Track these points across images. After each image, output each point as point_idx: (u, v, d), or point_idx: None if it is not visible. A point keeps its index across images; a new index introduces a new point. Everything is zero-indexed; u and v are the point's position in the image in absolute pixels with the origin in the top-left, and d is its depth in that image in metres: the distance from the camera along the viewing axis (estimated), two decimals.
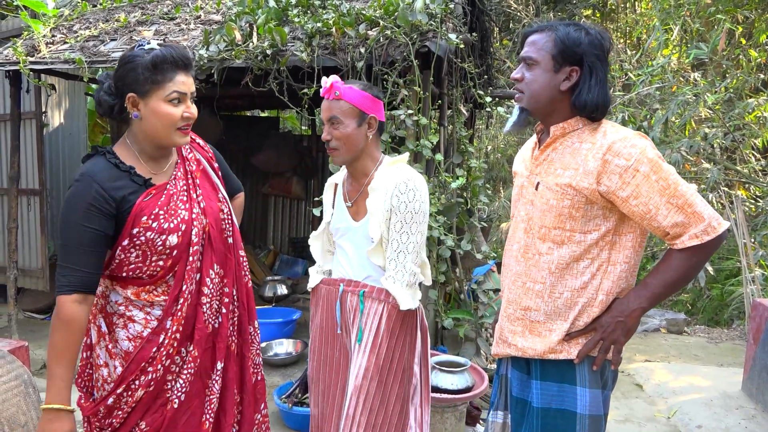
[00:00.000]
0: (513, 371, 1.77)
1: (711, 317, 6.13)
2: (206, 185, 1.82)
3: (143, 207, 1.63)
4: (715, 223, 1.52)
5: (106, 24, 4.53)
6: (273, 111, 8.56)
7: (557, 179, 1.62)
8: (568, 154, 1.62)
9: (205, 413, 1.74)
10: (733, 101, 5.58)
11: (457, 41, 3.47)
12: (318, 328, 2.12)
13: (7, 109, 5.04)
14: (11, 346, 3.06)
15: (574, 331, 1.64)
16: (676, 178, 1.54)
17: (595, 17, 8.62)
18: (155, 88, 1.60)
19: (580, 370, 1.65)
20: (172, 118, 1.63)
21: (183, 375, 1.71)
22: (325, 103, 1.96)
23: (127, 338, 1.70)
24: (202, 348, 1.73)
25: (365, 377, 1.89)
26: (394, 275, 1.91)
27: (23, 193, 5.04)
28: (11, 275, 4.50)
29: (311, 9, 3.91)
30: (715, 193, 5.18)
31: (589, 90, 1.58)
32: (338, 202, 2.11)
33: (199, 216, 1.73)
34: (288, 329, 4.41)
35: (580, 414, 1.63)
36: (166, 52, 1.61)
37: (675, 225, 1.53)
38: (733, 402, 3.71)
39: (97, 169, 1.64)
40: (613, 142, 1.55)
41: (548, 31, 1.62)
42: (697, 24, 6.58)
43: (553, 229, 1.63)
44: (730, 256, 6.29)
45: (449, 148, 4.25)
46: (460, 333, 3.73)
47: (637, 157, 1.52)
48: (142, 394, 1.66)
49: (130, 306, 1.71)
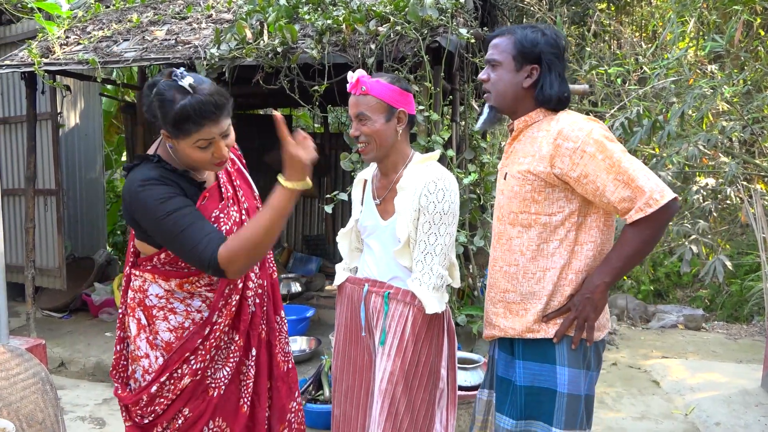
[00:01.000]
0: (499, 352, 1.88)
1: (730, 313, 6.04)
2: (244, 185, 1.88)
3: (202, 210, 1.67)
4: (657, 195, 1.59)
5: (119, 24, 4.57)
6: (285, 109, 8.59)
7: (519, 167, 1.75)
8: (528, 143, 1.76)
9: (242, 397, 1.81)
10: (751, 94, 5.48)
11: (468, 36, 3.45)
12: (343, 327, 2.08)
13: (23, 111, 5.10)
14: (29, 344, 3.11)
15: (550, 312, 1.74)
16: (620, 155, 1.63)
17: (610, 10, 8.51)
18: (183, 136, 1.59)
19: (559, 349, 1.74)
20: (201, 161, 1.65)
21: (229, 363, 1.78)
22: (352, 99, 1.91)
23: (168, 329, 1.75)
24: (246, 337, 1.81)
25: (390, 381, 1.84)
26: (420, 277, 1.85)
27: (40, 194, 5.10)
28: (29, 274, 4.56)
29: (321, 6, 3.90)
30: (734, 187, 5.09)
31: (551, 85, 1.73)
32: (367, 199, 2.06)
33: (245, 216, 1.79)
34: (302, 326, 4.42)
35: (559, 392, 1.72)
36: (190, 108, 1.54)
37: (623, 200, 1.62)
38: (753, 399, 3.65)
39: (153, 175, 1.63)
40: (563, 127, 1.68)
41: (508, 34, 1.77)
42: (714, 16, 6.47)
43: (520, 213, 1.75)
44: (749, 251, 6.19)
45: (461, 144, 4.23)
46: (473, 329, 3.71)
47: (584, 139, 1.63)
48: (188, 382, 1.72)
49: (171, 299, 1.76)
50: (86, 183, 6.37)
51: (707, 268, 4.33)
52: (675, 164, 4.98)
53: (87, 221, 6.40)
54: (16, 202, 5.62)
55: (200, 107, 1.55)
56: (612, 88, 6.66)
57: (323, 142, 7.28)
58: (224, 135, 1.65)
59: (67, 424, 3.27)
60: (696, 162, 4.87)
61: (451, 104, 4.14)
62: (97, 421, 3.49)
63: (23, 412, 2.42)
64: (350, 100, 1.93)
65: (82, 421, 3.49)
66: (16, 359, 2.51)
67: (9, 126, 5.58)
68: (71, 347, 4.44)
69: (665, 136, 4.72)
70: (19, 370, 2.50)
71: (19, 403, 2.42)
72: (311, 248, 7.09)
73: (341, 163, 3.64)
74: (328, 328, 4.55)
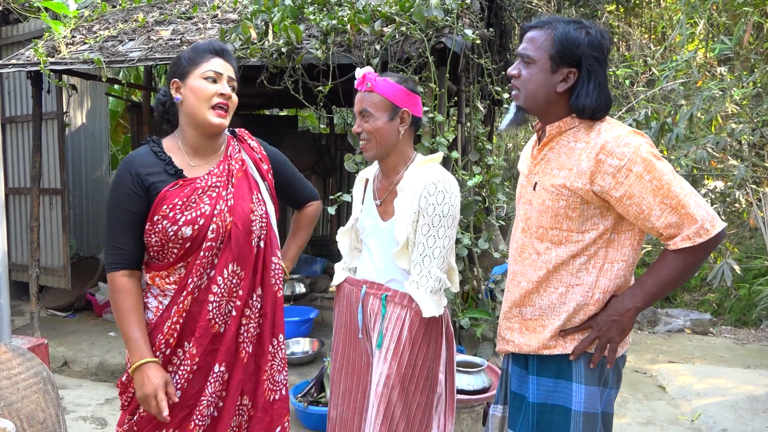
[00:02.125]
0: (513, 366, 1.78)
1: (738, 317, 5.98)
2: (243, 185, 1.82)
3: (166, 196, 1.69)
4: (708, 225, 1.48)
5: (125, 24, 4.57)
6: (291, 110, 8.59)
7: (553, 180, 1.61)
8: (564, 153, 1.61)
9: (193, 415, 1.71)
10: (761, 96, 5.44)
11: (474, 37, 3.42)
12: (341, 329, 2.06)
13: (29, 110, 5.11)
14: (31, 344, 3.11)
15: (569, 328, 1.64)
16: (670, 177, 1.50)
17: (619, 12, 8.47)
18: (193, 68, 1.73)
19: (576, 366, 1.64)
20: (205, 93, 1.71)
21: (180, 371, 1.71)
22: (358, 95, 1.91)
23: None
24: (203, 347, 1.71)
25: (386, 385, 1.82)
26: (418, 280, 1.83)
27: (45, 193, 5.11)
28: (33, 273, 4.57)
29: (327, 6, 3.89)
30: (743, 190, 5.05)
31: (587, 94, 1.55)
32: (368, 199, 2.04)
33: (222, 213, 1.73)
34: (305, 328, 4.41)
35: (574, 410, 1.62)
36: (204, 41, 1.80)
37: (668, 226, 1.51)
38: (761, 405, 3.60)
39: (136, 155, 1.75)
40: (606, 141, 1.52)
41: (547, 28, 1.58)
42: (723, 17, 6.41)
43: (551, 229, 1.63)
44: (758, 255, 6.13)
45: (467, 145, 4.20)
46: (477, 333, 3.68)
47: (630, 157, 1.49)
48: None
49: (147, 293, 1.77)
50: (92, 182, 6.39)
51: (715, 271, 4.28)
52: (683, 167, 4.94)
53: (92, 221, 6.42)
54: (21, 201, 5.63)
55: (210, 41, 1.79)
56: (620, 89, 6.62)
57: (329, 142, 7.27)
58: (232, 82, 1.78)
59: (68, 424, 3.27)
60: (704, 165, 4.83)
61: (457, 105, 4.11)
62: (98, 421, 3.48)
63: (24, 412, 2.41)
64: (356, 96, 1.92)
65: (83, 421, 3.49)
66: (17, 359, 2.50)
67: (15, 125, 5.60)
68: (75, 347, 4.44)
69: (674, 139, 4.68)
70: (20, 369, 2.50)
71: (20, 403, 2.41)
72: (315, 249, 7.08)
73: (345, 164, 3.62)
74: (331, 330, 4.53)
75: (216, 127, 1.74)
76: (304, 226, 2.13)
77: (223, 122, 1.74)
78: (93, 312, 5.26)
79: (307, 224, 2.12)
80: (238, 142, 1.91)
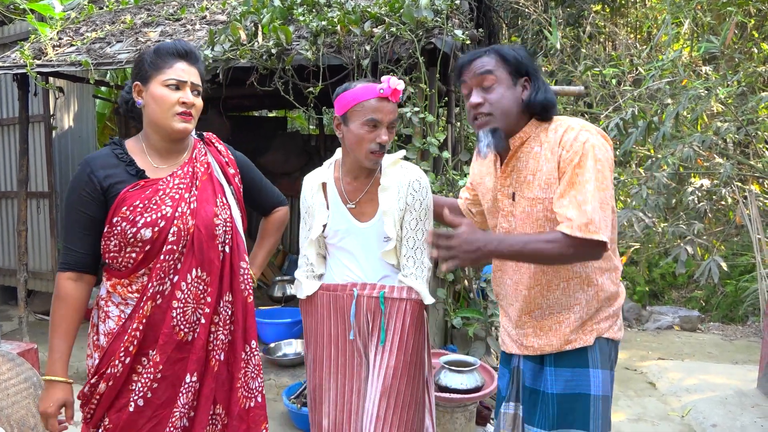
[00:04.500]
0: (525, 363, 1.82)
1: (725, 314, 6.04)
2: (207, 189, 1.76)
3: (126, 197, 1.65)
4: (593, 227, 1.53)
5: (113, 26, 4.54)
6: (281, 111, 8.56)
7: (528, 186, 1.70)
8: (531, 159, 1.70)
9: (168, 426, 1.67)
10: (746, 95, 5.50)
11: (464, 37, 3.44)
12: (327, 337, 2.03)
13: (16, 113, 5.07)
14: (20, 349, 3.07)
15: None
16: (590, 176, 1.57)
17: (605, 12, 8.53)
18: (155, 73, 1.67)
19: (591, 352, 1.71)
20: (167, 102, 1.66)
21: (143, 379, 1.66)
22: (389, 105, 1.88)
23: (103, 333, 1.72)
24: (167, 355, 1.67)
25: (395, 376, 1.89)
26: (415, 272, 1.93)
27: (32, 196, 5.07)
28: (21, 278, 4.53)
29: (316, 7, 3.89)
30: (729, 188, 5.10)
31: (542, 91, 1.68)
32: (334, 203, 2.01)
33: (184, 216, 1.68)
34: (297, 329, 4.40)
35: (593, 395, 1.68)
36: (168, 42, 1.72)
37: (567, 215, 1.57)
38: (749, 400, 3.65)
39: (96, 156, 1.72)
40: (562, 136, 1.64)
41: (489, 54, 1.72)
42: (708, 17, 6.48)
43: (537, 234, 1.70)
44: (744, 252, 6.20)
45: (457, 145, 4.21)
46: (469, 332, 3.69)
47: (576, 149, 1.60)
48: (104, 387, 1.67)
49: (108, 302, 1.73)
50: None
51: (702, 269, 4.33)
52: (670, 165, 4.98)
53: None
54: (8, 205, 5.58)
55: (174, 43, 1.71)
56: (607, 89, 6.67)
57: (318, 144, 7.26)
58: (195, 87, 1.71)
59: None
60: (691, 163, 4.87)
61: (447, 106, 4.13)
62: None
63: (15, 418, 2.39)
64: (385, 106, 1.87)
65: (74, 426, 3.45)
66: (7, 364, 2.48)
67: (1, 128, 5.55)
68: None
69: (660, 137, 4.73)
70: (10, 375, 2.48)
71: (10, 408, 2.39)
72: None
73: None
74: None
75: (180, 132, 1.70)
76: (271, 232, 2.08)
77: (187, 126, 1.70)
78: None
79: (274, 230, 2.07)
80: (204, 145, 1.85)
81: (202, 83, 1.75)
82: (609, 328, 1.75)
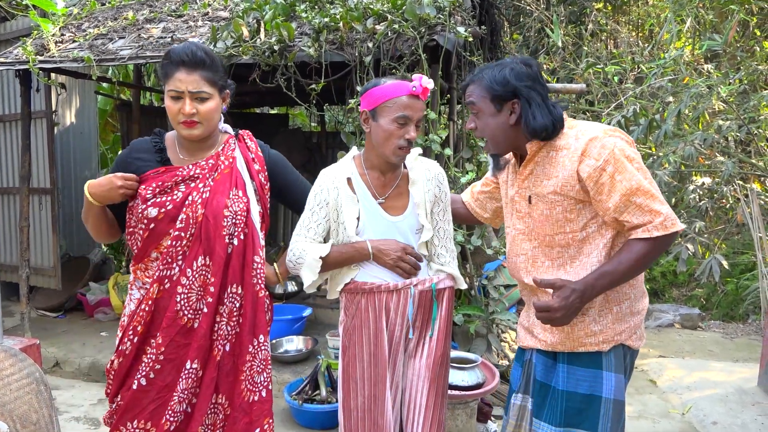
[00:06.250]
0: (538, 356, 1.84)
1: (726, 312, 6.05)
2: (225, 181, 1.81)
3: (146, 178, 1.79)
4: (669, 222, 1.59)
5: (115, 22, 4.54)
6: (282, 108, 8.56)
7: (545, 189, 1.73)
8: (548, 164, 1.73)
9: (168, 409, 1.74)
10: (748, 93, 5.49)
11: (466, 34, 3.43)
12: (366, 334, 1.95)
13: (18, 109, 5.06)
14: (23, 344, 3.08)
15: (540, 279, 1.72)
16: (639, 176, 1.62)
17: (607, 10, 8.51)
18: (164, 81, 1.78)
19: (606, 355, 1.72)
20: (171, 112, 1.77)
21: (146, 359, 1.76)
22: (419, 103, 1.89)
23: (127, 315, 1.85)
24: (170, 338, 1.74)
25: (442, 364, 1.98)
26: (450, 260, 2.03)
27: (34, 192, 5.07)
28: (23, 274, 4.53)
29: (319, 4, 3.89)
30: (730, 186, 5.10)
31: (534, 117, 1.68)
32: (364, 198, 1.96)
33: (194, 204, 1.75)
34: (298, 326, 4.40)
35: (605, 398, 1.69)
36: (176, 47, 1.77)
37: (633, 221, 1.62)
38: (749, 398, 3.66)
39: (137, 142, 1.90)
40: (586, 143, 1.65)
41: (477, 81, 1.76)
42: (710, 15, 6.47)
43: (555, 235, 1.74)
44: (745, 250, 6.20)
45: (459, 142, 4.21)
46: (471, 329, 3.70)
47: (606, 158, 1.62)
48: (117, 364, 1.79)
49: (133, 286, 1.86)
50: (81, 182, 6.32)
51: (703, 267, 4.33)
52: (671, 163, 4.98)
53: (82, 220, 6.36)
54: (10, 200, 5.58)
55: (176, 50, 1.75)
56: (609, 86, 6.66)
57: (320, 141, 7.26)
58: (197, 95, 1.73)
59: (61, 425, 3.24)
60: (692, 161, 4.87)
61: (449, 103, 4.13)
62: (92, 422, 3.47)
63: (17, 413, 2.39)
64: (415, 103, 1.87)
65: (77, 422, 3.47)
66: (10, 359, 2.49)
67: (3, 124, 5.55)
68: (66, 347, 4.41)
69: (662, 135, 4.72)
70: (12, 370, 2.48)
71: (13, 403, 2.40)
72: None
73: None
74: (324, 328, 4.53)
75: (186, 138, 1.81)
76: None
77: (192, 132, 1.77)
78: (84, 312, 5.23)
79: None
80: (236, 141, 1.92)
81: (212, 83, 1.77)
82: (629, 336, 1.75)
